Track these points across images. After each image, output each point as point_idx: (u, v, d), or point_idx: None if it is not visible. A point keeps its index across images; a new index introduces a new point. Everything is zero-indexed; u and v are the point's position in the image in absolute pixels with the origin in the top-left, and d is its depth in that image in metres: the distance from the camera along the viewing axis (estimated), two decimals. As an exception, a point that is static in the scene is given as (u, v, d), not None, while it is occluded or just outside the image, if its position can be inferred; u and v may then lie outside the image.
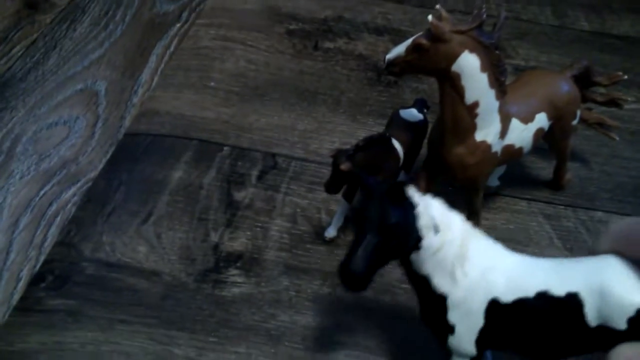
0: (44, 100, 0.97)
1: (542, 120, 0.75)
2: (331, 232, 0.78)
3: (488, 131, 0.70)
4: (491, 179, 0.82)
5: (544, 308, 0.54)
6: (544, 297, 0.54)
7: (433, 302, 0.57)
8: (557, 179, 0.84)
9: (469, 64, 0.66)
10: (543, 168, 0.87)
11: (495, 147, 0.71)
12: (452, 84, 0.67)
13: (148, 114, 0.95)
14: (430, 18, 0.65)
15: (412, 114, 0.79)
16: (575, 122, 0.78)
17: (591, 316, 0.52)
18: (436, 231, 0.54)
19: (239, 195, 0.84)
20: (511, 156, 0.74)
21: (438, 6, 0.68)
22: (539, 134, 0.75)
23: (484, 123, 0.70)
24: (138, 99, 0.98)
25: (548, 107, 0.75)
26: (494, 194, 0.84)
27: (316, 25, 1.11)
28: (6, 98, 0.97)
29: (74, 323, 0.70)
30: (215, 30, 1.09)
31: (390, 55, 0.68)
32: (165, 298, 0.73)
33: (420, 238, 0.54)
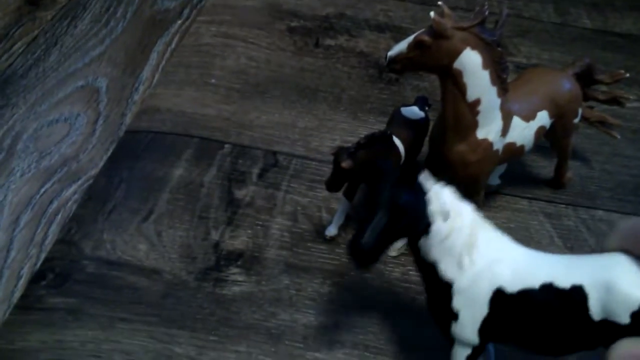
0: (45, 97, 0.97)
1: (544, 118, 0.74)
2: (332, 231, 0.78)
3: (489, 129, 0.70)
4: (492, 178, 0.82)
5: (549, 299, 0.54)
6: (549, 289, 0.54)
7: (439, 289, 0.58)
8: (558, 178, 0.84)
9: (471, 61, 0.66)
10: (544, 166, 0.87)
11: (496, 145, 0.71)
12: (454, 81, 0.67)
13: (149, 111, 0.95)
14: (432, 15, 0.64)
15: (414, 112, 0.79)
16: (576, 120, 0.78)
17: (595, 310, 0.53)
18: (446, 218, 0.55)
19: (240, 193, 0.84)
20: (512, 154, 0.74)
21: (440, 3, 0.67)
22: (541, 132, 0.75)
23: (486, 121, 0.69)
24: (139, 96, 0.97)
25: (550, 105, 0.74)
26: (495, 193, 0.83)
27: (317, 22, 1.10)
28: (7, 95, 0.96)
29: (75, 321, 0.70)
30: (216, 27, 1.09)
31: (391, 52, 0.68)
32: (165, 296, 0.73)
33: (429, 223, 0.55)
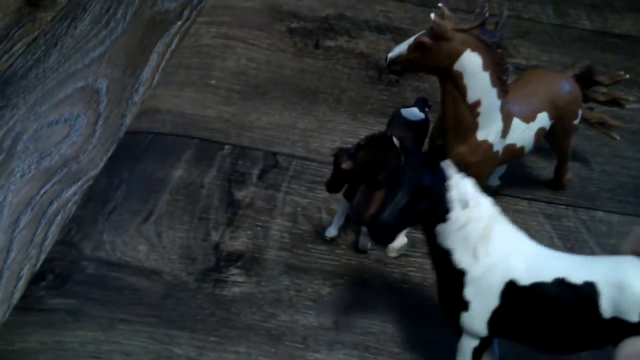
0: (45, 98, 0.97)
1: (544, 119, 0.74)
2: (332, 232, 0.78)
3: (489, 130, 0.70)
4: (492, 179, 0.82)
5: (560, 294, 0.54)
6: (561, 284, 0.55)
7: (451, 277, 0.58)
8: (558, 179, 0.84)
9: (471, 63, 0.66)
10: (544, 168, 0.87)
11: (496, 147, 0.71)
12: (454, 83, 0.67)
13: (149, 112, 0.95)
14: (432, 16, 0.64)
15: (414, 113, 0.79)
16: (576, 122, 0.78)
17: (606, 307, 0.53)
18: (464, 206, 0.56)
19: (240, 194, 0.84)
20: (512, 155, 0.74)
21: (440, 5, 0.68)
22: (541, 134, 0.75)
23: (486, 122, 0.70)
24: (139, 97, 0.97)
25: (550, 107, 0.75)
26: (495, 194, 0.83)
27: (317, 23, 1.10)
28: (7, 96, 0.96)
29: (75, 322, 0.70)
30: (216, 28, 1.09)
31: (392, 53, 0.68)
32: (165, 297, 0.73)
33: (448, 210, 0.56)
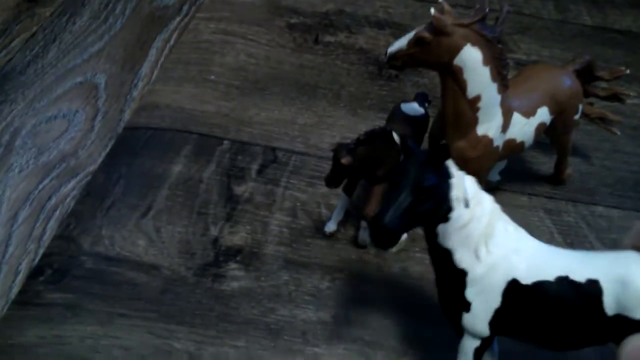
0: (44, 93, 0.96)
1: (544, 114, 0.74)
2: (331, 227, 0.78)
3: (490, 125, 0.70)
4: (492, 174, 0.82)
5: (563, 293, 0.54)
6: (564, 282, 0.54)
7: (452, 278, 0.57)
8: (558, 174, 0.84)
9: (471, 58, 0.66)
10: (544, 163, 0.87)
11: (496, 142, 0.71)
12: (454, 78, 0.67)
13: (148, 108, 0.94)
14: (432, 11, 0.64)
15: (414, 108, 0.79)
16: (577, 117, 0.78)
17: (609, 305, 0.53)
18: (467, 205, 0.55)
19: (239, 189, 0.84)
20: (512, 150, 0.74)
21: (440, 0, 0.67)
22: (541, 129, 0.75)
23: (486, 117, 0.69)
24: (138, 93, 0.97)
25: (550, 102, 0.74)
26: (495, 189, 0.83)
27: (317, 19, 1.10)
28: (5, 91, 0.96)
29: (73, 317, 0.70)
30: (215, 23, 1.09)
31: (392, 48, 0.68)
32: (164, 292, 0.73)
33: (450, 209, 0.55)
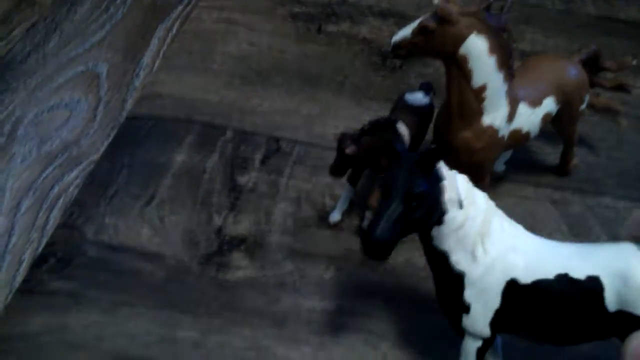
0: (45, 82, 0.96)
1: (550, 104, 0.74)
2: (335, 217, 0.78)
3: (495, 115, 0.69)
4: (497, 164, 0.82)
5: (563, 291, 0.53)
6: (564, 280, 0.54)
7: (450, 280, 0.56)
8: (564, 164, 0.84)
9: (477, 47, 0.65)
10: (549, 153, 0.86)
11: (502, 132, 0.71)
12: (459, 67, 0.67)
13: (150, 97, 0.94)
14: (436, 0, 0.64)
15: (418, 98, 0.78)
16: (583, 107, 0.77)
17: (610, 301, 0.52)
18: (460, 206, 0.54)
19: (242, 179, 0.83)
20: (518, 141, 0.74)
21: (445, -12, 0.67)
22: (547, 119, 0.74)
23: (491, 107, 0.69)
24: (140, 82, 0.97)
25: (556, 92, 0.74)
26: (500, 179, 0.83)
27: (320, 8, 1.09)
28: (7, 80, 0.96)
29: (77, 305, 0.70)
30: (217, 12, 1.08)
31: (396, 37, 0.67)
32: (168, 281, 0.72)
33: (444, 212, 0.54)
